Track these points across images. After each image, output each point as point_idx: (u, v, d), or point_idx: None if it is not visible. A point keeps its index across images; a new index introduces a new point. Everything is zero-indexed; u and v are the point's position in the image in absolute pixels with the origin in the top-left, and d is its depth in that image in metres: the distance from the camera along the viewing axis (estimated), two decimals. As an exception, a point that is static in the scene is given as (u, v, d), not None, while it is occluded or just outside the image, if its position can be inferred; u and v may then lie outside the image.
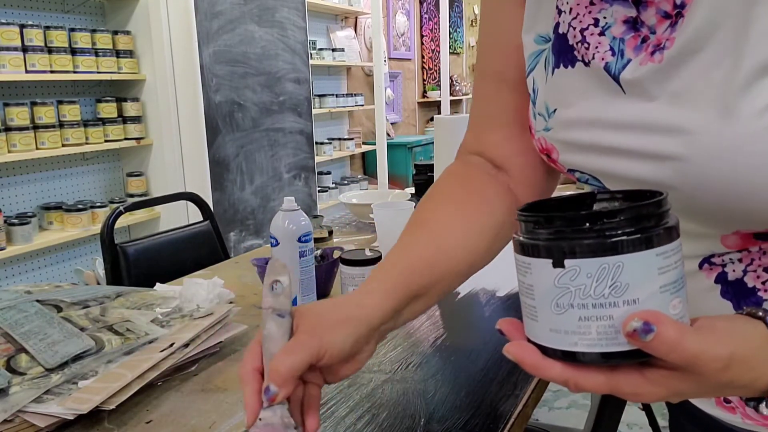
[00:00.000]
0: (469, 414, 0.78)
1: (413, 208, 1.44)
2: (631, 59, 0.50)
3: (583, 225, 0.40)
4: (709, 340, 0.39)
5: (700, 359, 0.39)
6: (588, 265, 0.39)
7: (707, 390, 0.41)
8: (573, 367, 0.42)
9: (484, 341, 1.00)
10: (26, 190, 2.65)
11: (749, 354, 0.40)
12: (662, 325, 0.38)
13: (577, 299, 0.40)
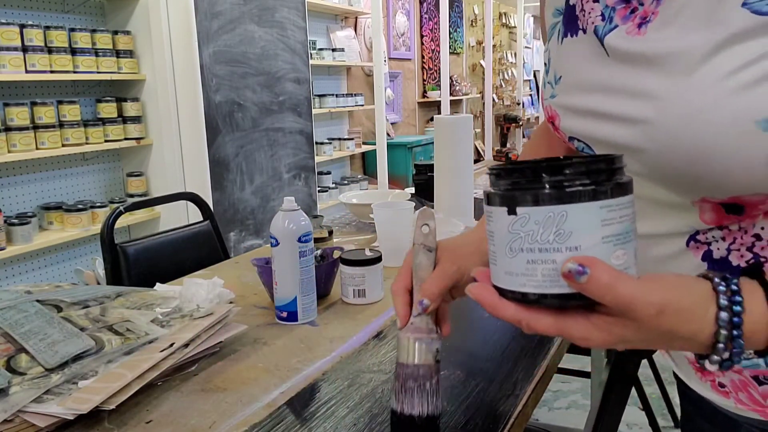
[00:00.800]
0: (469, 414, 0.78)
1: (413, 208, 1.44)
2: (618, 25, 0.53)
3: (535, 177, 0.44)
4: (644, 288, 0.42)
5: (633, 304, 0.42)
6: (536, 213, 0.44)
7: (650, 338, 0.44)
8: (525, 308, 0.45)
9: (484, 341, 1.00)
10: (26, 190, 2.65)
11: (686, 306, 0.43)
12: (596, 268, 0.41)
13: (526, 244, 0.45)
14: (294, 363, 0.94)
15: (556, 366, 0.97)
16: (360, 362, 0.93)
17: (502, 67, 8.33)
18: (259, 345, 1.01)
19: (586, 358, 1.92)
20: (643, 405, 2.08)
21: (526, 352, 0.95)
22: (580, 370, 2.27)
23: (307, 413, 0.79)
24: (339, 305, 1.19)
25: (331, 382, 0.87)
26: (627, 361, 1.02)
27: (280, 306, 1.09)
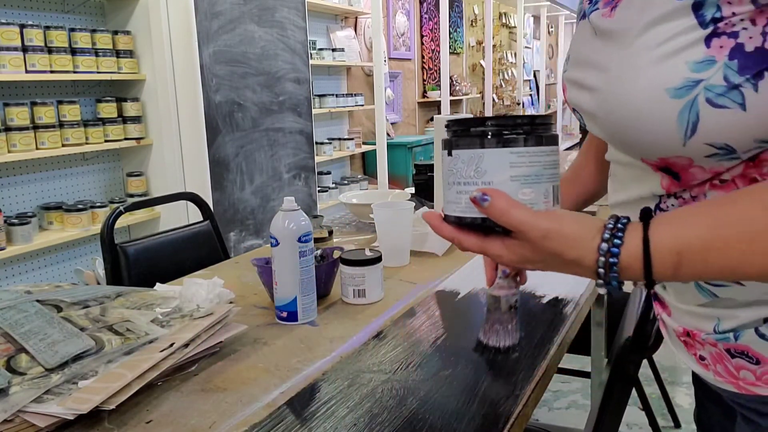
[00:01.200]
0: (469, 414, 0.78)
1: (413, 208, 1.44)
2: (599, 8, 0.61)
3: (466, 128, 0.58)
4: (534, 216, 0.53)
5: (523, 226, 0.53)
6: (463, 155, 0.58)
7: (545, 259, 0.54)
8: (458, 229, 0.58)
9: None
10: (26, 190, 2.65)
11: (569, 233, 0.52)
12: (495, 197, 0.54)
13: (456, 178, 0.58)
14: (294, 363, 0.94)
15: (556, 366, 0.97)
16: (360, 362, 0.93)
17: (502, 67, 8.33)
18: (259, 345, 1.01)
19: (586, 358, 1.91)
20: (643, 405, 2.08)
21: (526, 352, 0.95)
22: (580, 370, 2.27)
23: (307, 413, 0.79)
24: (339, 305, 1.19)
25: (331, 382, 0.87)
26: (627, 361, 1.02)
27: (280, 306, 1.09)
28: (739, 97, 0.50)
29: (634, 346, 1.03)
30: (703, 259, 0.48)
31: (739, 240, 0.47)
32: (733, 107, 0.50)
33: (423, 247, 1.50)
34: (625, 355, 1.02)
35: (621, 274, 0.51)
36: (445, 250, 1.51)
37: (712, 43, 0.50)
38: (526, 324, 1.07)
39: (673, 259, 0.49)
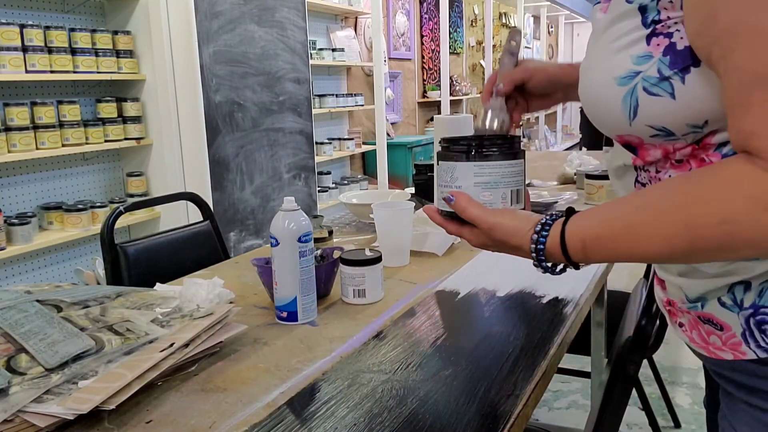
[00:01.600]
0: (469, 414, 0.78)
1: (413, 208, 1.44)
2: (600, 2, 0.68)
3: (447, 146, 0.77)
4: (485, 212, 0.71)
5: (475, 220, 0.71)
6: (444, 165, 0.76)
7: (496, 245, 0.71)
8: (444, 219, 0.76)
9: (484, 341, 1.00)
10: (26, 190, 2.65)
11: (510, 227, 0.68)
12: (458, 198, 0.72)
13: (441, 181, 0.77)
14: (294, 363, 0.94)
15: (556, 366, 0.97)
16: (360, 362, 0.93)
17: (502, 67, 8.30)
18: (259, 345, 1.01)
19: (586, 358, 1.91)
20: (643, 405, 2.08)
21: (526, 352, 0.95)
22: (580, 370, 2.27)
23: (307, 413, 0.79)
24: (339, 305, 1.19)
25: (331, 382, 0.87)
26: (627, 361, 1.02)
27: (280, 306, 1.09)
28: (669, 88, 0.59)
29: (634, 346, 1.03)
30: (599, 245, 0.62)
31: (620, 232, 0.60)
32: (664, 96, 0.59)
33: (423, 247, 1.50)
34: (625, 355, 1.02)
35: (548, 258, 0.67)
36: (445, 250, 1.51)
37: (651, 41, 0.59)
38: (526, 324, 1.07)
39: (580, 245, 0.63)
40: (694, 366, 2.67)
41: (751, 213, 0.51)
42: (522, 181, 0.77)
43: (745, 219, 0.51)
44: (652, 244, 0.57)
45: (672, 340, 0.82)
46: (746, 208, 0.52)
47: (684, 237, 0.55)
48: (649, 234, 0.57)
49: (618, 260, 0.65)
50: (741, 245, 0.53)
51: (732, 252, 0.55)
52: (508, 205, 0.74)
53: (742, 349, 0.62)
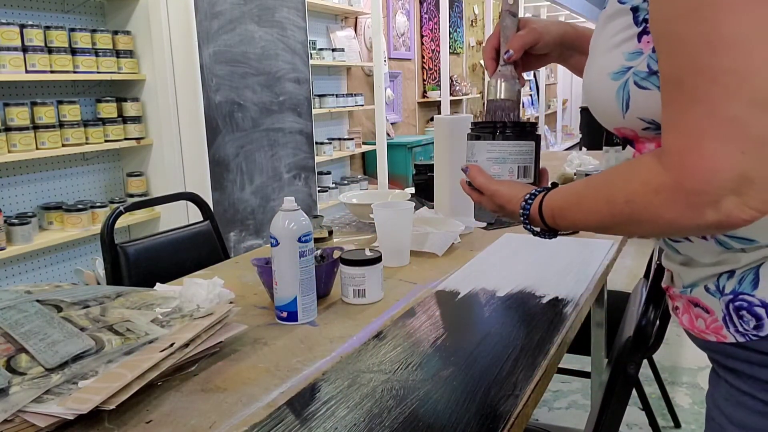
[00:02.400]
0: (469, 414, 0.78)
1: (413, 208, 1.44)
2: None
3: (472, 128, 0.90)
4: (490, 181, 0.85)
5: (481, 187, 0.85)
6: (469, 144, 0.90)
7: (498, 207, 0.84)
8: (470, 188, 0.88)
9: (484, 341, 1.00)
10: (26, 190, 2.65)
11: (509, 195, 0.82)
12: (471, 169, 0.87)
13: (466, 156, 0.91)
14: (294, 363, 0.94)
15: (556, 366, 0.97)
16: (360, 362, 0.93)
17: (502, 67, 8.31)
18: (259, 345, 1.01)
19: (586, 358, 1.91)
20: (643, 405, 2.08)
21: (526, 352, 0.95)
22: (580, 370, 2.27)
23: (307, 413, 0.79)
24: (339, 305, 1.19)
25: (331, 382, 0.87)
26: (627, 361, 1.02)
27: (280, 306, 1.09)
28: (657, 81, 0.62)
29: (634, 346, 1.03)
30: (561, 215, 0.74)
31: (572, 205, 0.72)
32: (653, 89, 0.62)
33: (423, 247, 1.50)
34: (625, 355, 1.02)
35: (531, 223, 0.79)
36: (445, 250, 1.51)
37: (642, 39, 0.63)
38: (526, 324, 1.07)
39: (550, 214, 0.75)
40: (694, 366, 2.67)
41: (644, 194, 0.60)
42: (531, 159, 0.88)
43: (641, 199, 0.60)
44: (590, 215, 0.69)
45: (672, 340, 0.82)
46: (641, 190, 0.60)
47: (606, 211, 0.65)
48: (588, 207, 0.69)
49: (576, 228, 0.75)
50: (642, 221, 0.61)
51: (638, 226, 0.63)
52: (515, 178, 0.87)
53: (723, 332, 0.67)
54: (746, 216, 0.54)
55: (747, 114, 0.52)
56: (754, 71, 0.52)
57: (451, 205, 1.73)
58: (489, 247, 1.56)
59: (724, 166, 0.53)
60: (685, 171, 0.55)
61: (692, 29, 0.54)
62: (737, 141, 0.53)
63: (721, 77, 0.53)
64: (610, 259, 1.43)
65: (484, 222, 1.78)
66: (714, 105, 0.53)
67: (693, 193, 0.55)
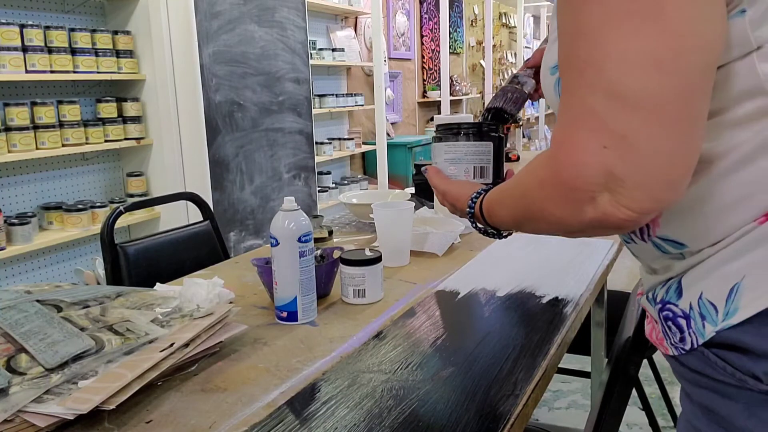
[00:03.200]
0: (469, 414, 0.78)
1: (413, 208, 1.44)
2: None
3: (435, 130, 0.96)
4: (442, 181, 0.90)
5: (436, 186, 0.90)
6: (432, 147, 0.96)
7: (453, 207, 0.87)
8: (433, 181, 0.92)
9: (484, 341, 1.00)
10: (26, 190, 2.65)
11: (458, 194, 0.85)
12: (429, 169, 0.93)
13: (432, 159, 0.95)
14: (294, 363, 0.94)
15: (556, 366, 0.97)
16: (360, 362, 0.93)
17: (502, 67, 8.32)
18: (259, 345, 1.01)
19: (586, 358, 1.91)
20: (643, 405, 2.08)
21: (526, 352, 0.95)
22: (580, 370, 2.27)
23: (307, 413, 0.79)
24: (339, 305, 1.19)
25: (331, 382, 0.87)
26: (627, 361, 1.02)
27: (280, 306, 1.09)
28: None
29: (634, 346, 1.03)
30: (493, 212, 0.75)
31: (498, 202, 0.74)
32: None
33: (423, 247, 1.50)
34: (625, 355, 1.02)
35: (476, 221, 0.80)
36: (445, 250, 1.51)
37: None
38: (526, 324, 1.07)
39: (486, 212, 0.77)
40: (694, 366, 2.67)
41: (533, 189, 0.60)
42: (488, 160, 0.93)
43: (531, 193, 0.61)
44: (507, 211, 0.71)
45: (672, 340, 0.82)
46: (532, 183, 0.61)
47: (514, 206, 0.68)
48: (506, 203, 0.72)
49: (504, 225, 0.77)
50: (536, 216, 0.61)
51: (535, 222, 0.62)
52: (471, 178, 0.91)
53: (665, 344, 0.63)
54: (622, 215, 0.52)
55: (604, 107, 0.50)
56: (607, 62, 0.49)
57: (451, 205, 1.73)
58: (489, 247, 1.56)
59: (590, 161, 0.51)
60: (559, 163, 0.54)
61: (564, 19, 0.54)
62: (599, 135, 0.50)
63: (583, 68, 0.51)
64: (610, 259, 1.43)
65: None
66: (581, 96, 0.52)
67: (569, 188, 0.54)
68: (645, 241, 0.63)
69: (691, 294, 0.57)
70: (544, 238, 1.58)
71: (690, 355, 0.58)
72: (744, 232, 0.53)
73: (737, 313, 0.53)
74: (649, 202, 0.51)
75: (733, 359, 0.54)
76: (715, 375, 0.56)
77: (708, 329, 0.55)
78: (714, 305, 0.55)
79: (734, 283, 0.54)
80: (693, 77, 0.49)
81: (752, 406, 0.54)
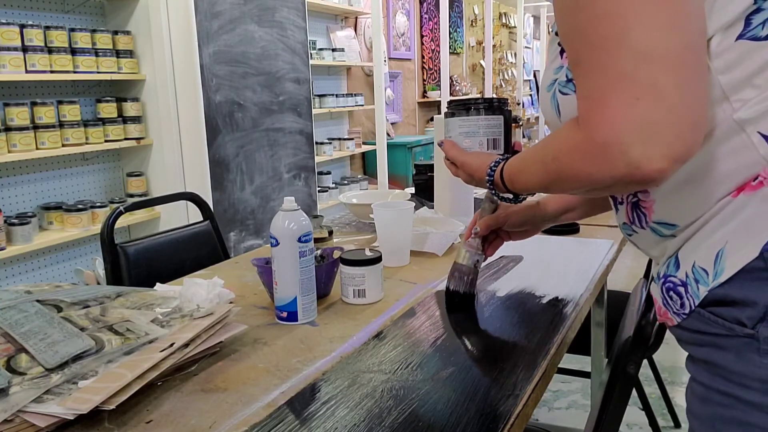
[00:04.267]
0: (469, 414, 0.78)
1: (413, 208, 1.44)
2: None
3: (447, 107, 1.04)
4: (461, 153, 0.99)
5: (453, 159, 0.99)
6: (445, 122, 1.04)
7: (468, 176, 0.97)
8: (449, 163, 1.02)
9: (485, 341, 1.00)
10: (26, 190, 2.65)
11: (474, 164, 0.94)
12: (445, 143, 1.03)
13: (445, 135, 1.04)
14: (294, 363, 0.94)
15: (556, 366, 0.97)
16: (360, 362, 0.93)
17: (502, 67, 8.32)
18: (259, 345, 1.01)
19: (586, 358, 1.91)
20: (643, 405, 2.08)
21: (526, 352, 0.95)
22: (580, 370, 2.27)
23: (307, 413, 0.79)
24: (339, 305, 1.19)
25: (331, 382, 0.87)
26: (627, 361, 1.02)
27: (280, 306, 1.09)
28: (573, 87, 0.70)
29: (634, 346, 1.03)
30: (517, 178, 0.83)
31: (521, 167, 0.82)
32: (571, 93, 0.70)
33: (423, 247, 1.50)
34: (625, 355, 1.02)
35: (496, 189, 0.89)
36: (445, 249, 1.51)
37: (563, 55, 0.73)
38: (526, 324, 1.07)
39: (508, 178, 0.85)
40: (694, 366, 2.67)
41: (565, 151, 0.67)
42: (500, 132, 1.01)
43: (563, 156, 0.67)
44: (533, 176, 0.77)
45: (672, 340, 0.82)
46: (563, 147, 0.67)
47: (542, 171, 0.73)
48: (531, 168, 0.78)
49: (528, 189, 0.84)
50: (569, 176, 0.67)
51: (567, 182, 0.69)
52: (485, 150, 1.01)
53: (669, 316, 0.72)
54: (656, 165, 0.58)
55: (632, 66, 0.58)
56: (628, 31, 0.58)
57: (451, 205, 1.73)
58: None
59: (623, 114, 0.58)
60: (592, 125, 0.61)
61: (577, 16, 0.62)
62: (630, 90, 0.58)
63: (603, 44, 0.60)
64: (610, 259, 1.43)
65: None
66: (604, 67, 0.60)
67: (602, 144, 0.60)
68: (644, 228, 0.73)
69: (686, 264, 0.68)
70: (543, 238, 1.58)
71: (690, 318, 0.68)
72: (722, 206, 0.64)
73: (723, 273, 0.63)
74: (680, 145, 0.58)
75: (722, 312, 0.64)
76: (710, 329, 0.66)
77: (701, 290, 0.66)
78: (705, 270, 0.65)
79: (719, 249, 0.64)
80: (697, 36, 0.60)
81: (741, 350, 0.63)
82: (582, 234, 1.62)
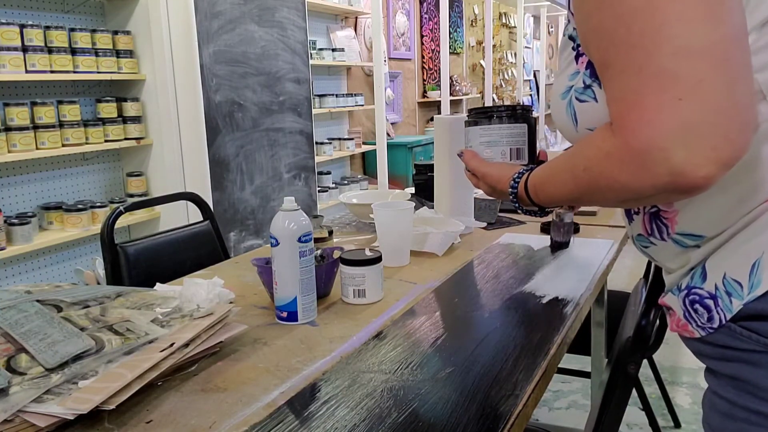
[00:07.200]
0: (469, 414, 0.78)
1: (413, 208, 1.44)
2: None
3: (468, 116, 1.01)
4: (481, 164, 0.95)
5: (474, 170, 0.96)
6: (465, 131, 1.03)
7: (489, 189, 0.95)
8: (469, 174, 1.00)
9: (484, 341, 1.00)
10: (26, 190, 2.65)
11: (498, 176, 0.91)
12: (465, 153, 1.01)
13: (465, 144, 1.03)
14: (294, 363, 0.94)
15: (556, 366, 0.97)
16: (360, 362, 0.93)
17: (502, 67, 8.32)
18: (259, 345, 1.01)
19: (586, 358, 1.91)
20: (643, 405, 2.08)
21: (526, 352, 0.95)
22: (580, 370, 2.27)
23: (307, 413, 0.79)
24: (339, 305, 1.19)
25: (331, 382, 0.87)
26: (627, 361, 1.02)
27: (280, 306, 1.09)
28: (591, 93, 0.67)
29: (634, 346, 1.03)
30: (541, 189, 0.80)
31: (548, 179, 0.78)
32: (589, 101, 0.67)
33: (423, 247, 1.50)
34: (625, 355, 1.02)
35: (520, 201, 0.86)
36: (445, 249, 1.51)
37: (578, 60, 0.69)
38: (526, 324, 1.07)
39: (533, 190, 0.82)
40: (695, 366, 2.67)
41: (598, 160, 0.62)
42: (524, 141, 0.95)
43: (595, 165, 0.63)
44: (561, 187, 0.74)
45: (672, 340, 0.82)
46: (596, 156, 0.62)
47: (571, 182, 0.69)
48: (559, 180, 0.74)
49: (555, 201, 0.80)
50: (601, 186, 0.63)
51: (600, 193, 0.64)
52: (507, 160, 0.97)
53: (689, 329, 0.68)
54: (702, 171, 0.53)
55: (673, 64, 0.53)
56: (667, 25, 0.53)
57: (451, 205, 1.73)
58: (489, 246, 1.56)
59: (664, 115, 0.53)
60: (628, 130, 0.56)
61: (603, 16, 0.58)
62: (671, 89, 0.53)
63: (638, 41, 0.55)
64: (610, 259, 1.43)
65: (484, 222, 1.78)
66: (639, 66, 0.55)
67: (641, 151, 0.55)
68: (665, 240, 0.69)
69: (715, 276, 0.63)
70: (543, 238, 1.58)
71: (717, 332, 0.64)
72: (757, 213, 0.60)
73: (760, 285, 0.59)
74: (728, 148, 0.52)
75: (758, 327, 0.60)
76: (741, 346, 0.62)
77: (735, 304, 0.61)
78: (738, 282, 0.61)
79: (755, 260, 0.60)
80: (739, 27, 0.54)
81: None
82: (582, 234, 1.62)
